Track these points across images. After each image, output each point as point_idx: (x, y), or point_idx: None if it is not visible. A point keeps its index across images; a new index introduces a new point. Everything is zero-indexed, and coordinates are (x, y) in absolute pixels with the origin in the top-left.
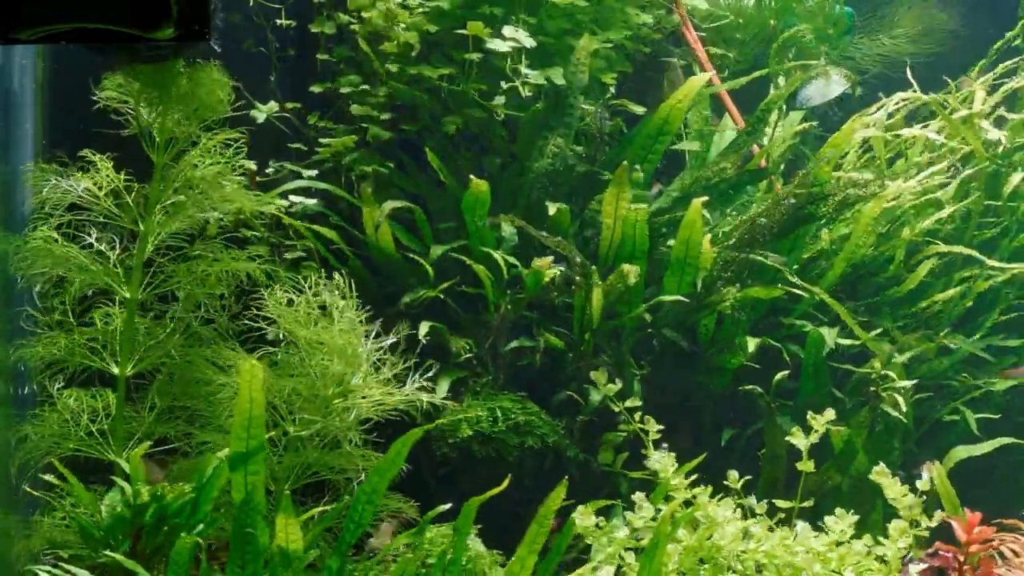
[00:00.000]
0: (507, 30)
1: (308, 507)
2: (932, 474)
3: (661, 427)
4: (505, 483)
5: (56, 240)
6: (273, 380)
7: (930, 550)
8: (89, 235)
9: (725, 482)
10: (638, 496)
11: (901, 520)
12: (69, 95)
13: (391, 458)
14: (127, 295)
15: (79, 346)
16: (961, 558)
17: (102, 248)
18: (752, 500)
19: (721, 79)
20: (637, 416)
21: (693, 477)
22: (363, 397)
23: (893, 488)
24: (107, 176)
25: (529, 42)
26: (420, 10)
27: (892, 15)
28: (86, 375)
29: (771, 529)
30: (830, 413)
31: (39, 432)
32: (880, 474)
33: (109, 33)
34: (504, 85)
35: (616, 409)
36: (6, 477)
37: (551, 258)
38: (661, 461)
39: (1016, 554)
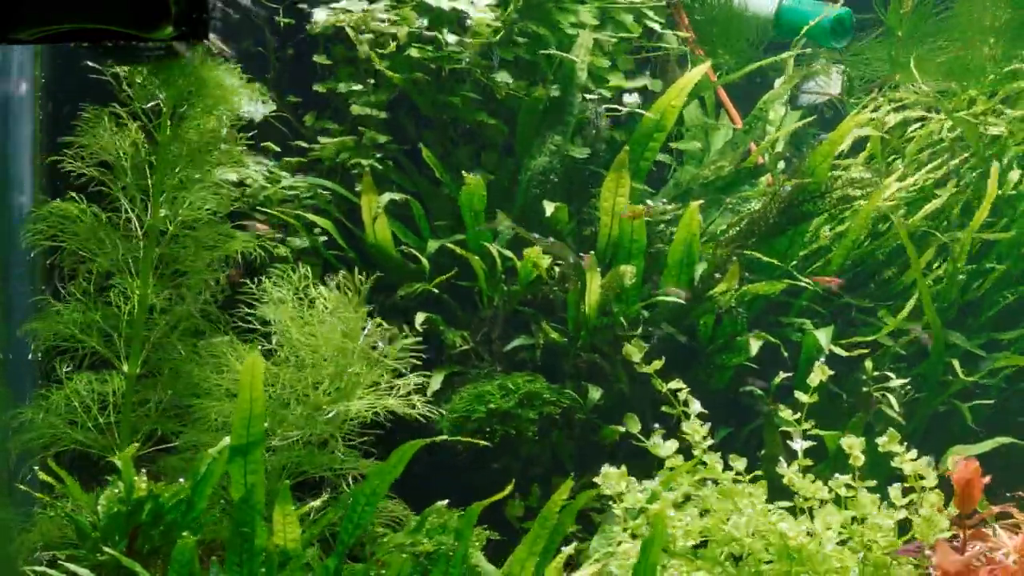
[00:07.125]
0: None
1: (303, 503)
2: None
3: (705, 411)
4: (509, 488)
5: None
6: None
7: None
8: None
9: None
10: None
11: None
12: (68, 95)
13: (392, 463)
14: (138, 291)
15: (93, 327)
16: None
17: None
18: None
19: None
20: (682, 395)
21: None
22: (359, 397)
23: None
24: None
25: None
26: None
27: None
28: (92, 359)
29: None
30: (817, 375)
31: (43, 420)
32: (848, 440)
33: (109, 33)
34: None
35: (660, 390)
36: (5, 468)
37: (539, 248)
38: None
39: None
